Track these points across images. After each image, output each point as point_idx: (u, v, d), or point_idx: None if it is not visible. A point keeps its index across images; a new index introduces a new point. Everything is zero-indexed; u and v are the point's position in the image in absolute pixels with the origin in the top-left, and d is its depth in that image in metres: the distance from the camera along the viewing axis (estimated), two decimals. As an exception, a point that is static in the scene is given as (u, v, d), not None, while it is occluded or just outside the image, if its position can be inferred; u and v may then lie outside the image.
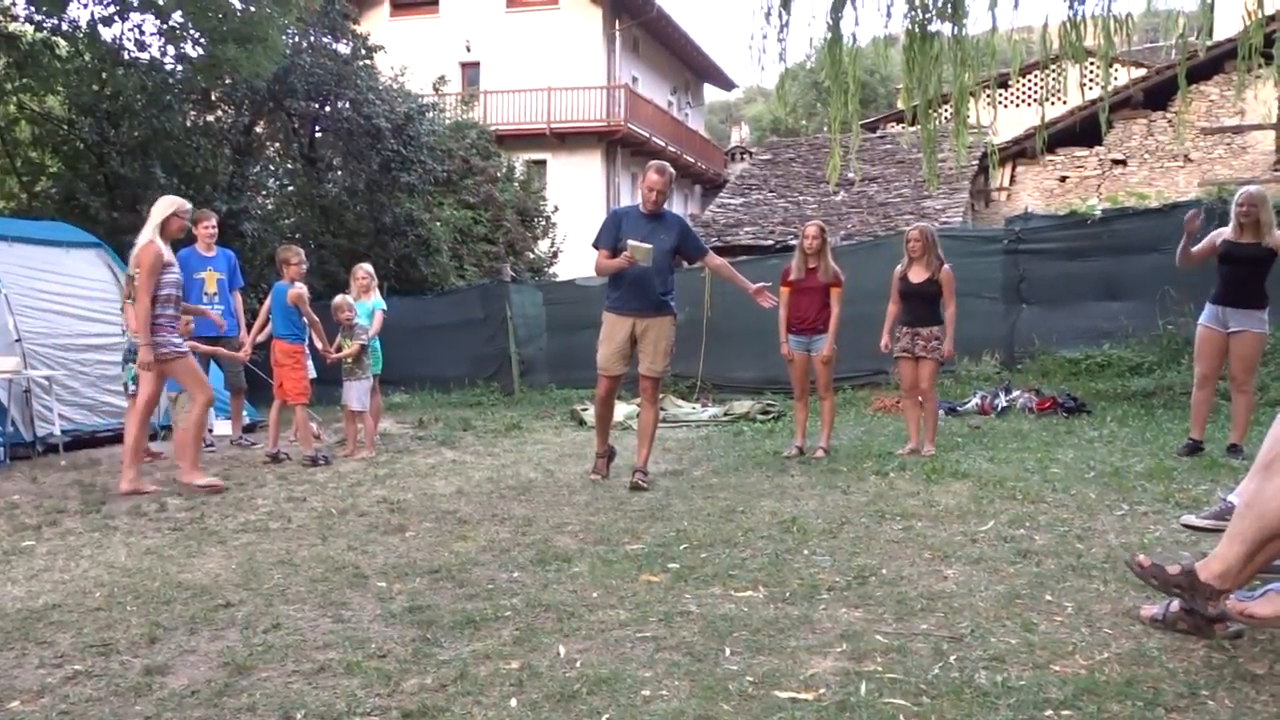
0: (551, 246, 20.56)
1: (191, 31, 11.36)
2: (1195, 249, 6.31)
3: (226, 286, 8.35)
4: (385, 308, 8.33)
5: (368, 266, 8.55)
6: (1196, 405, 6.41)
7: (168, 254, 6.20)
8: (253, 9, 10.88)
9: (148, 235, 6.15)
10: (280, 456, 7.35)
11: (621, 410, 9.94)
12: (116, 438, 8.22)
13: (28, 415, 7.99)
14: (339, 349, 7.85)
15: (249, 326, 8.62)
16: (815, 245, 6.98)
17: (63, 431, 8.07)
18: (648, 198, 5.99)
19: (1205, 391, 6.37)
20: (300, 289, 7.49)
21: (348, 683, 2.75)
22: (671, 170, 6.23)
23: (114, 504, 5.78)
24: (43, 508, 5.70)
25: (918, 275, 6.94)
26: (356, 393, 7.74)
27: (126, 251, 10.28)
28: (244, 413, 8.88)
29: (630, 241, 5.81)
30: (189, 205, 6.49)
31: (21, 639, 3.22)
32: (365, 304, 8.25)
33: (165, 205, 6.24)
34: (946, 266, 6.95)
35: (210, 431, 8.63)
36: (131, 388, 7.66)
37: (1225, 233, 6.26)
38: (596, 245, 6.12)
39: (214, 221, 8.44)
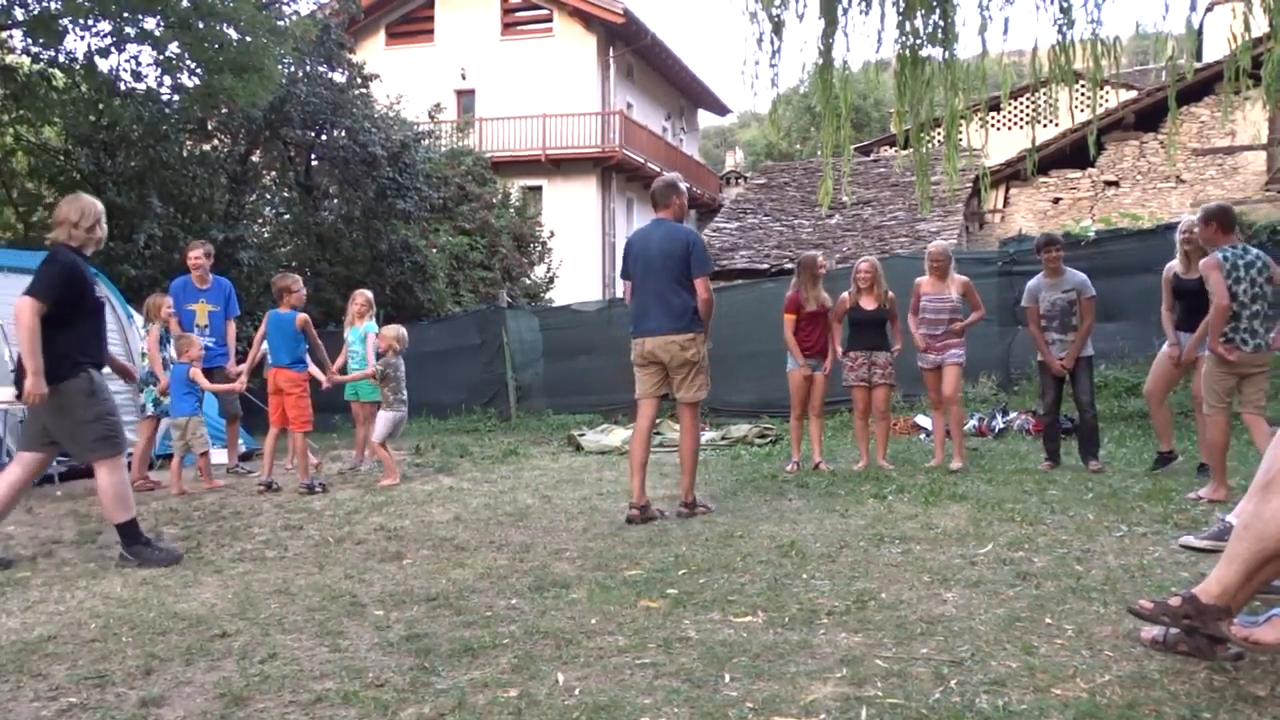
0: (548, 272, 20.65)
1: (188, 62, 11.44)
2: (1165, 301, 6.46)
3: (220, 318, 8.31)
4: (378, 331, 8.34)
5: (367, 293, 8.62)
6: (1156, 420, 6.69)
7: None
8: (249, 39, 10.96)
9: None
10: (274, 485, 7.32)
11: (620, 436, 9.94)
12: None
13: (23, 446, 7.95)
14: (342, 371, 8.16)
15: (244, 355, 8.60)
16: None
17: (58, 462, 8.04)
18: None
19: (1160, 406, 6.61)
20: (305, 315, 7.54)
21: (345, 713, 2.73)
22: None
23: (109, 534, 5.75)
24: (38, 539, 5.68)
25: (870, 303, 7.50)
26: (383, 423, 7.72)
27: (122, 281, 10.37)
28: (240, 440, 8.85)
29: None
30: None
31: (16, 671, 3.19)
32: (358, 329, 8.34)
33: None
34: (891, 294, 7.54)
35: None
36: (149, 409, 7.76)
37: (1174, 266, 6.32)
38: (712, 271, 5.75)
39: (203, 252, 8.36)
